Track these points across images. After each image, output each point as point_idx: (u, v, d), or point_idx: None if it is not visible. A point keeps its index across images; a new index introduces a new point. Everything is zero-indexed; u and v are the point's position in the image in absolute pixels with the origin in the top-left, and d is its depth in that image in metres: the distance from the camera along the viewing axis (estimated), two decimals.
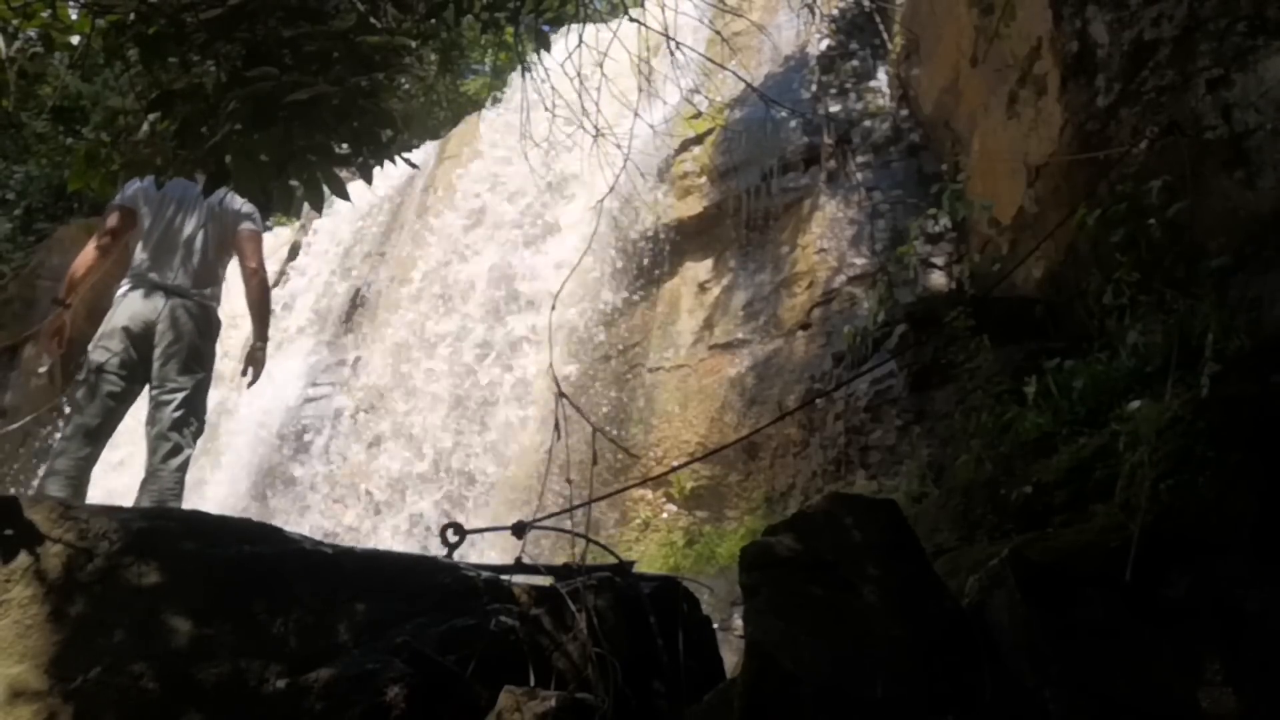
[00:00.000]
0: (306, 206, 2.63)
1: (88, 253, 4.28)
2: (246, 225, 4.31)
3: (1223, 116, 3.86)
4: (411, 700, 1.99)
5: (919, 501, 4.37)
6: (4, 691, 1.91)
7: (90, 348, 4.09)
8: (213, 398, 4.37)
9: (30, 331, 9.57)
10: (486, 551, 5.61)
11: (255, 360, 4.29)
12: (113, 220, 4.30)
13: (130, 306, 4.07)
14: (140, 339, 4.02)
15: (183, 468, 3.95)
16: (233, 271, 4.42)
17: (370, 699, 1.99)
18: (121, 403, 4.00)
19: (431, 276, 9.34)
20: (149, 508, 3.54)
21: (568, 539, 2.82)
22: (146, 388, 4.08)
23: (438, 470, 7.75)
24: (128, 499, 3.72)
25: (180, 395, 3.99)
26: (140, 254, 4.19)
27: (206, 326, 4.17)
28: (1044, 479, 3.24)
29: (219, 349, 4.36)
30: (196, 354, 4.09)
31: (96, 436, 3.91)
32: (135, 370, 4.01)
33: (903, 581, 2.00)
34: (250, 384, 4.36)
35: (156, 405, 3.99)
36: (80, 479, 3.81)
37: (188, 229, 4.20)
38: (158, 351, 4.01)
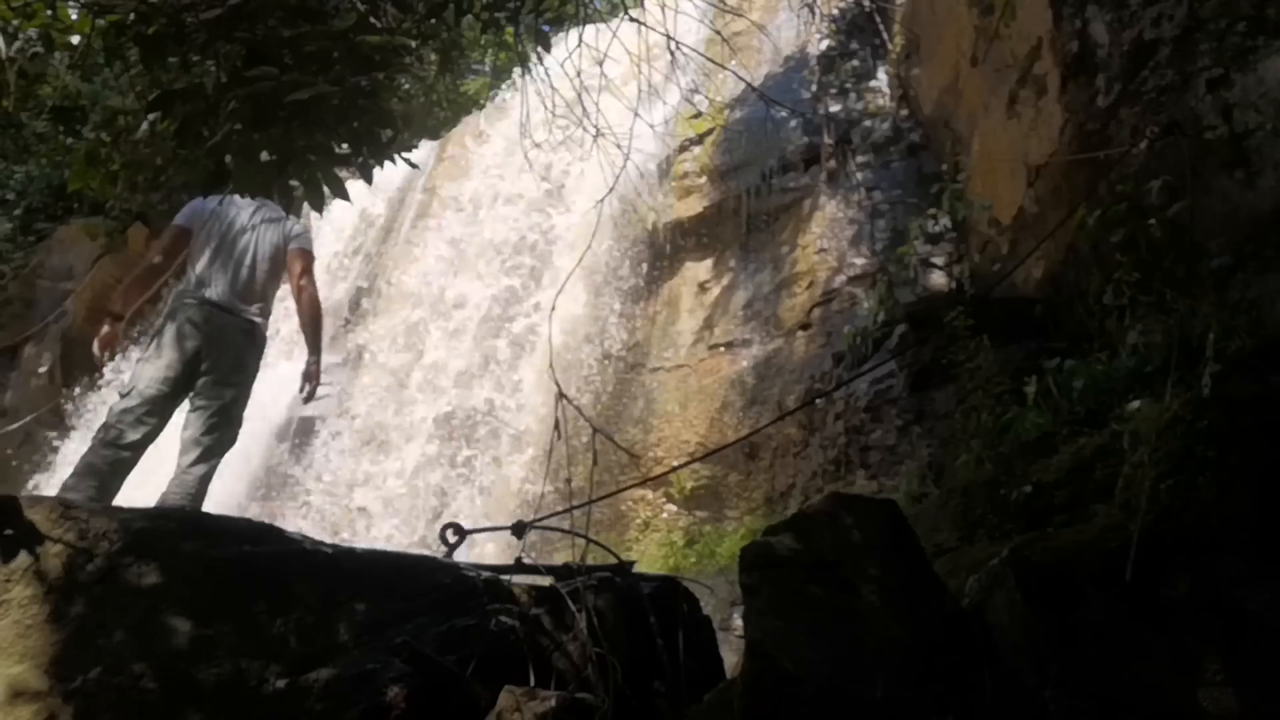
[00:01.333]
0: (306, 206, 2.63)
1: (142, 270, 4.36)
2: (296, 244, 4.36)
3: (1223, 116, 3.85)
4: (411, 700, 1.99)
5: (919, 501, 4.37)
6: (4, 691, 1.91)
7: (136, 360, 4.15)
8: None
9: (30, 331, 9.58)
10: (486, 549, 5.61)
11: (310, 376, 4.33)
12: (168, 238, 4.37)
13: (179, 323, 4.12)
14: (187, 355, 4.07)
15: (206, 477, 3.99)
16: None
17: (370, 699, 1.99)
18: (160, 417, 4.03)
19: (431, 276, 9.34)
20: (149, 508, 3.53)
21: (568, 539, 2.82)
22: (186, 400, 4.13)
23: (437, 468, 7.75)
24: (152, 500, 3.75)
25: (217, 404, 4.05)
26: (192, 271, 4.26)
27: (251, 343, 4.23)
28: (1044, 479, 3.24)
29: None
30: (239, 368, 4.15)
31: (132, 448, 3.92)
32: (178, 385, 4.06)
33: (903, 581, 2.00)
34: (306, 400, 4.41)
35: (194, 410, 4.06)
36: (108, 490, 3.81)
37: (240, 247, 4.27)
38: (202, 366, 4.07)
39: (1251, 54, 3.79)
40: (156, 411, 3.99)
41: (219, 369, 4.08)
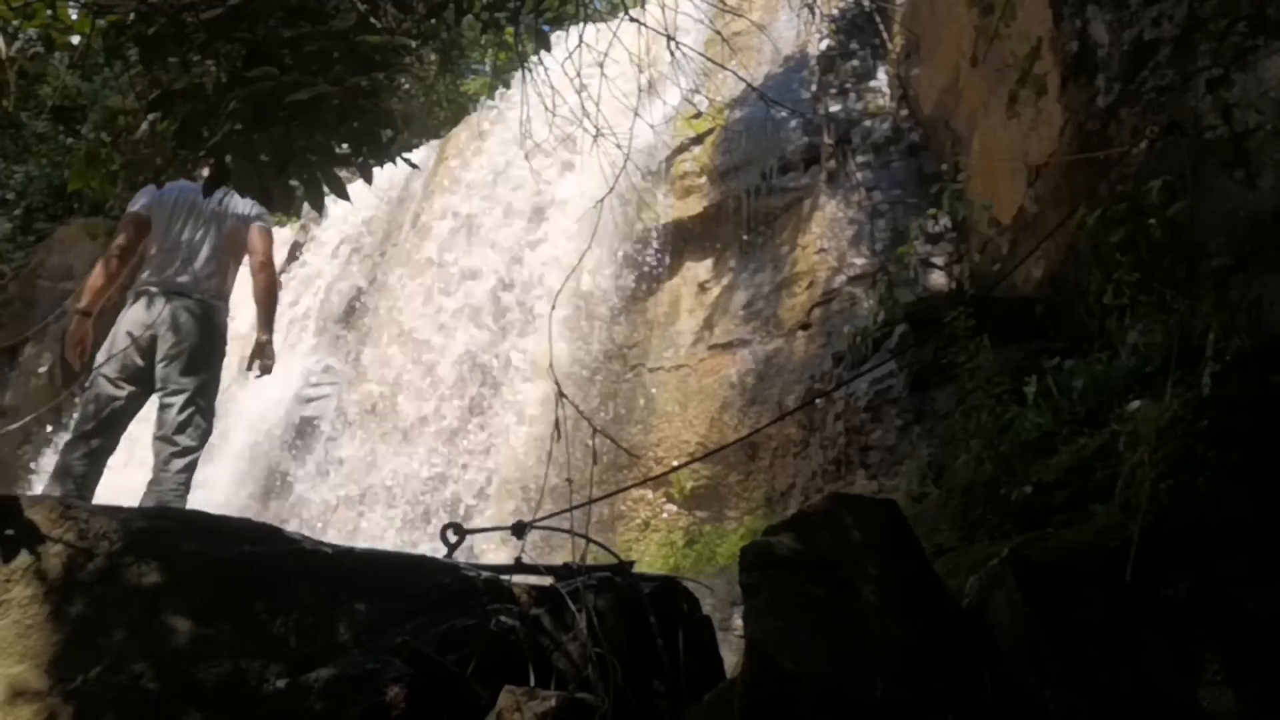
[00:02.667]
0: (306, 206, 2.63)
1: (105, 262, 4.30)
2: (257, 223, 4.31)
3: (1223, 116, 3.85)
4: (411, 700, 1.99)
5: (919, 501, 4.37)
6: (4, 691, 1.91)
7: (98, 355, 4.09)
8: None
9: (30, 331, 9.58)
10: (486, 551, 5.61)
11: (260, 353, 4.26)
12: (128, 229, 4.32)
13: (135, 313, 4.08)
14: (145, 345, 4.01)
15: (187, 470, 3.92)
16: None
17: (370, 699, 1.99)
18: (126, 409, 3.98)
19: (431, 276, 9.34)
20: (149, 508, 3.53)
21: (568, 539, 2.82)
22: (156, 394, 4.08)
23: (435, 469, 7.75)
24: (134, 499, 3.72)
25: (183, 397, 3.97)
26: (148, 261, 4.21)
27: (210, 327, 4.13)
28: (1044, 479, 3.24)
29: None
30: (200, 355, 4.07)
31: (102, 443, 3.90)
32: (139, 376, 4.00)
33: (903, 581, 2.00)
34: (258, 376, 4.31)
35: (161, 408, 3.99)
36: (85, 487, 3.79)
37: (195, 232, 4.20)
38: (160, 354, 4.00)
39: (1251, 54, 3.79)
40: (120, 399, 3.94)
41: (178, 357, 3.99)
